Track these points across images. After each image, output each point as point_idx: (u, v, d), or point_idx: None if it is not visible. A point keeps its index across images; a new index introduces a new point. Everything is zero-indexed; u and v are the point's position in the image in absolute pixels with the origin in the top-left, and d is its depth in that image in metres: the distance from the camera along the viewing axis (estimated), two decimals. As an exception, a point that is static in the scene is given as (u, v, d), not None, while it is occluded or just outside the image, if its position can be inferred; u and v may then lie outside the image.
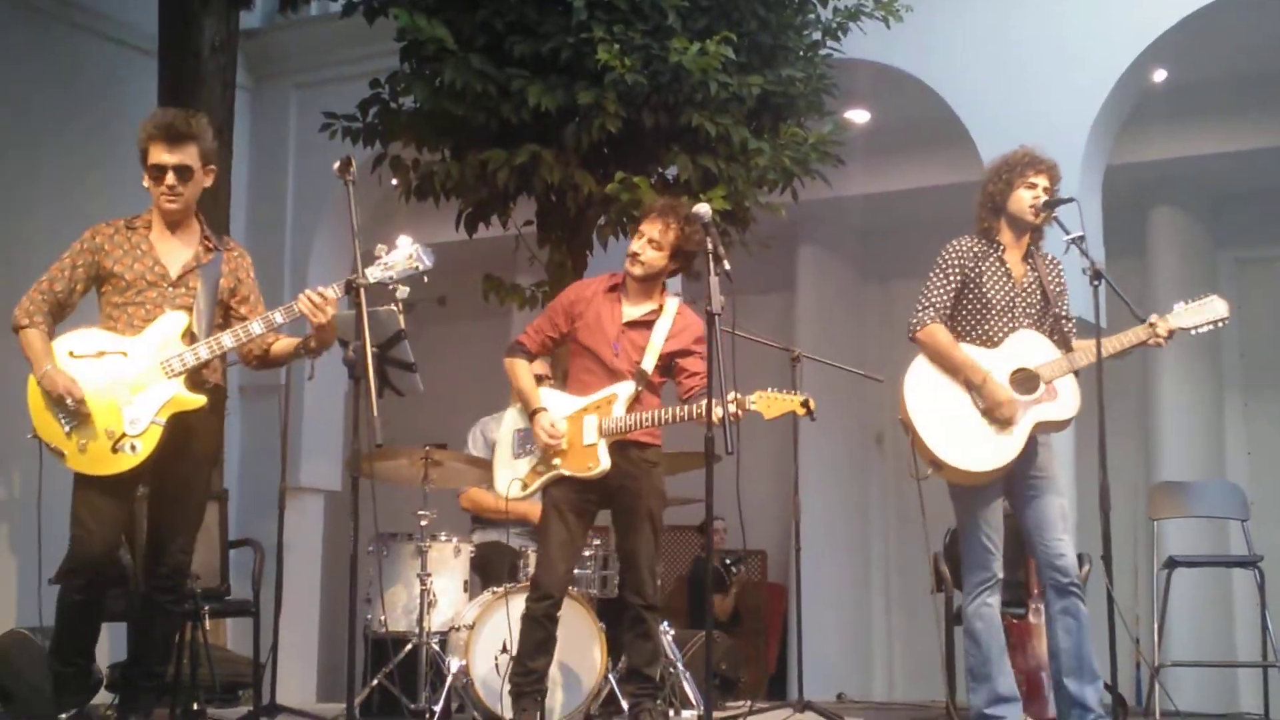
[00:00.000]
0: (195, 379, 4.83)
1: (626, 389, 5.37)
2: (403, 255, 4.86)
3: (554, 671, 5.84)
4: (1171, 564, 6.91)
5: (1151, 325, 5.06)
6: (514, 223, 8.14)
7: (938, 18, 8.99)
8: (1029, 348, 5.07)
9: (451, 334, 12.55)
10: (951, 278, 5.17)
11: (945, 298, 5.16)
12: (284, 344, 5.00)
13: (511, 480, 5.47)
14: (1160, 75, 9.35)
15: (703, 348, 5.33)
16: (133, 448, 4.69)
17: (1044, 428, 5.04)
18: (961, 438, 5.02)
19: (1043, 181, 5.15)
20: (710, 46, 7.24)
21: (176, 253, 4.95)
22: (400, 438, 6.25)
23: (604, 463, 5.33)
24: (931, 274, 5.21)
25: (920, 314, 5.16)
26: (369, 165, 7.95)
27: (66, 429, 4.69)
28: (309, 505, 10.71)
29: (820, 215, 11.36)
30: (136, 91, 9.71)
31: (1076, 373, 5.04)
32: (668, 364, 5.45)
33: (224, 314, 5.00)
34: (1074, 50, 8.87)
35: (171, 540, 4.92)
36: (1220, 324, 5.18)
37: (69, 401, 4.65)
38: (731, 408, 4.98)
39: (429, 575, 6.25)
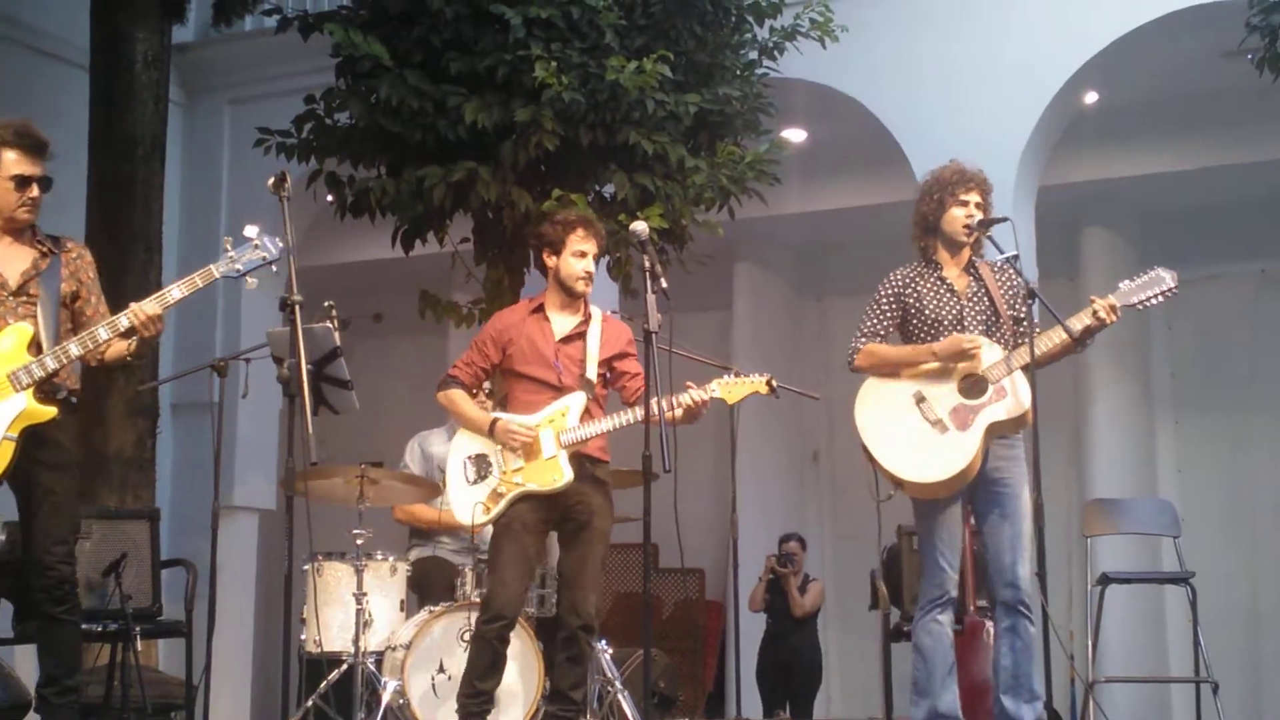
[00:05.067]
0: (45, 389, 4.74)
1: (578, 400, 5.34)
2: (248, 246, 4.84)
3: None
4: (1104, 580, 6.97)
5: (1091, 312, 5.02)
6: (450, 240, 8.12)
7: (873, 38, 9.07)
8: (965, 333, 5.07)
9: (388, 351, 12.50)
10: (886, 309, 5.19)
11: (880, 327, 5.18)
12: (116, 348, 4.87)
13: (474, 505, 5.30)
14: (1091, 97, 9.47)
15: (634, 348, 5.49)
16: None
17: (997, 429, 5.01)
18: (916, 452, 5.01)
19: (974, 197, 5.17)
20: (647, 65, 7.25)
21: (13, 260, 4.87)
22: (336, 456, 6.20)
23: (568, 474, 5.25)
24: (867, 308, 5.24)
25: (854, 344, 5.19)
26: (304, 181, 7.89)
27: None
28: (243, 524, 10.61)
29: (757, 233, 11.41)
30: (68, 105, 9.60)
31: (1024, 369, 5.03)
32: (605, 371, 5.45)
33: (70, 318, 4.93)
34: (1007, 71, 8.97)
35: (49, 552, 4.76)
36: (1170, 294, 5.16)
37: None
38: (700, 395, 5.16)
39: (365, 594, 6.20)
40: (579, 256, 5.41)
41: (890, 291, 5.21)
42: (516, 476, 5.28)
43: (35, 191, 4.85)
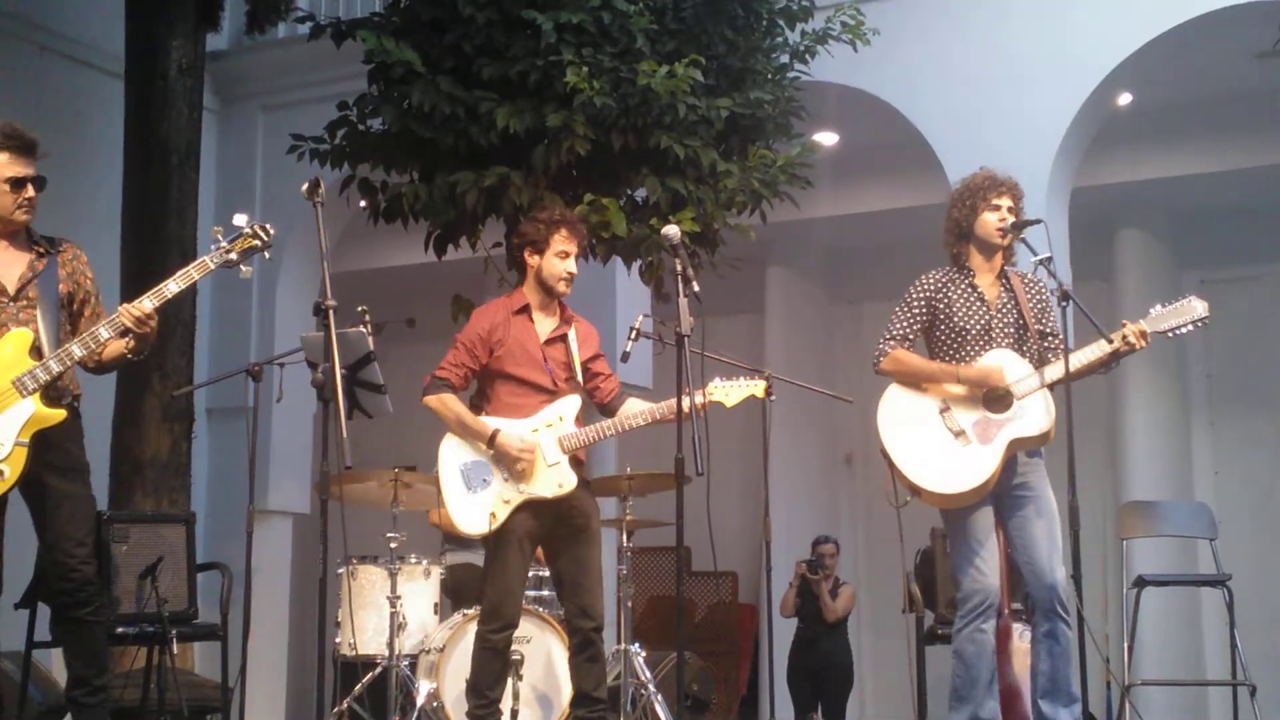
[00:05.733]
0: (50, 394, 4.74)
1: (573, 403, 5.30)
2: (240, 235, 4.83)
3: (527, 694, 5.82)
4: (1141, 583, 6.93)
5: (1121, 336, 5.02)
6: (483, 244, 8.13)
7: (905, 41, 9.05)
8: (1000, 366, 5.08)
9: (420, 355, 12.48)
10: (916, 311, 5.19)
11: (908, 329, 5.18)
12: (113, 348, 4.87)
13: (486, 514, 5.19)
14: (1125, 98, 9.43)
15: (602, 349, 5.54)
16: None
17: (1019, 445, 5.01)
18: (936, 461, 5.01)
19: (1006, 202, 5.17)
20: (679, 69, 7.25)
21: (11, 265, 4.86)
22: (369, 460, 6.22)
23: (572, 480, 5.22)
24: (896, 308, 5.23)
25: (882, 346, 5.19)
26: (337, 187, 7.93)
27: None
28: (277, 528, 10.66)
29: (789, 237, 11.41)
30: (103, 114, 9.68)
31: (1052, 387, 5.03)
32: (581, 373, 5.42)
33: (69, 320, 4.93)
34: (1040, 73, 8.93)
35: (71, 555, 4.75)
36: (1201, 324, 5.16)
37: None
38: (697, 400, 5.03)
39: (399, 598, 6.22)
40: (562, 257, 5.36)
41: (923, 294, 5.20)
42: (520, 483, 5.20)
43: (31, 192, 4.84)
